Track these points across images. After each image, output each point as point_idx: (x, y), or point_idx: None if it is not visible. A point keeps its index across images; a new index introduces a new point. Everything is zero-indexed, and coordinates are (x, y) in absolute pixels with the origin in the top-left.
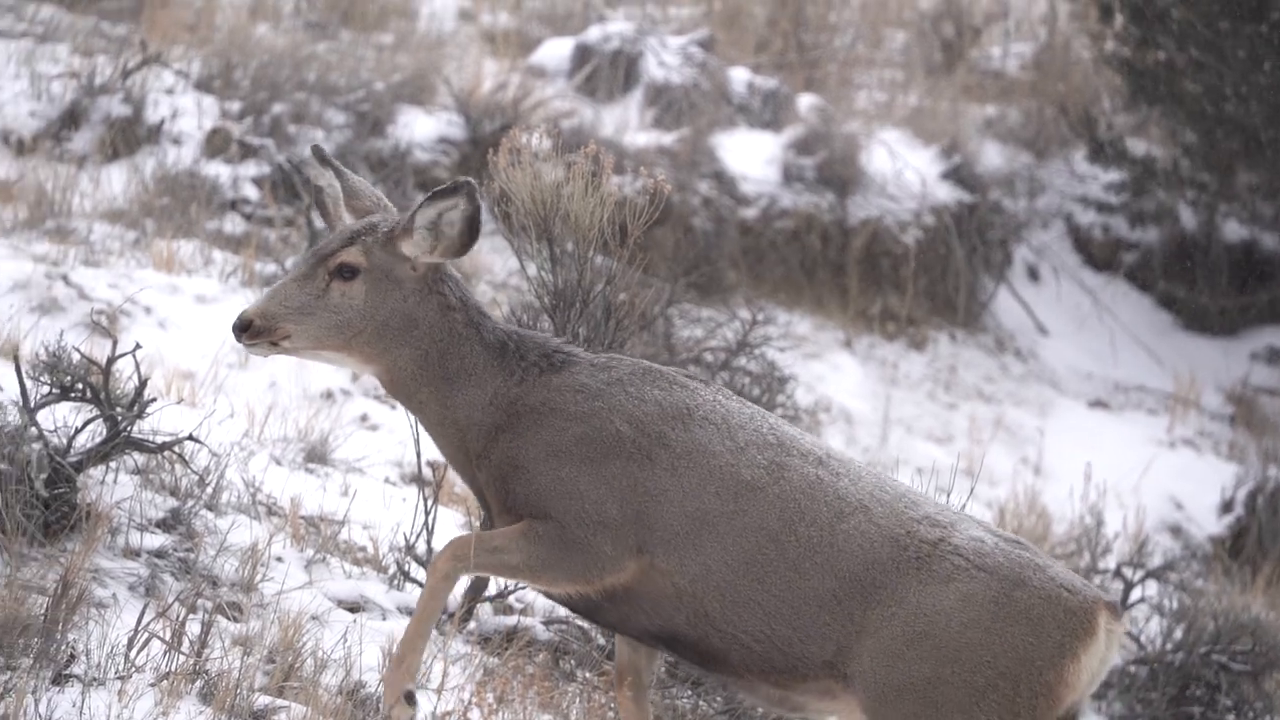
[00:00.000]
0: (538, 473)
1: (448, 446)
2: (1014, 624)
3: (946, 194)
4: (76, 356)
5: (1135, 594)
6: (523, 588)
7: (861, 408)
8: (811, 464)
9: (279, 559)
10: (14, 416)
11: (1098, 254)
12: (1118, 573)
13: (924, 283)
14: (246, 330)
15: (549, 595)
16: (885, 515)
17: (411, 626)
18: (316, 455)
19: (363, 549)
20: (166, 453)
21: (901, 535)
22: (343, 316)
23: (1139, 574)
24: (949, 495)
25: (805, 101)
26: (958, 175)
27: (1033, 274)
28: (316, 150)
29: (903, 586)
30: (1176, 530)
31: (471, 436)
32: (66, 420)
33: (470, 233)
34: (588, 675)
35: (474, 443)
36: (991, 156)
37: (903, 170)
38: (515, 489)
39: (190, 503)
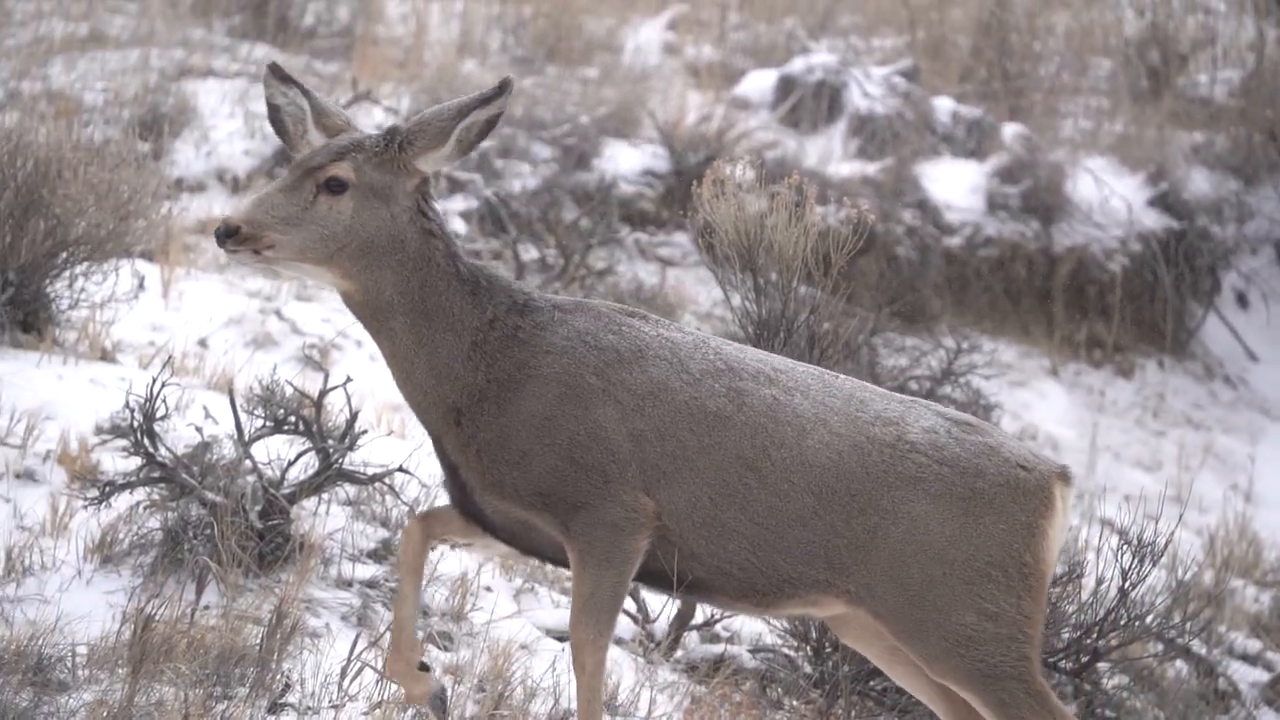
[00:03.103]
0: (535, 455)
1: (415, 389)
2: (983, 515)
3: (1153, 221)
4: (289, 390)
5: None
6: (729, 616)
7: (1068, 435)
8: (765, 384)
9: (488, 588)
10: (229, 450)
11: None
12: None
13: (1131, 310)
14: (232, 236)
15: None
16: (843, 423)
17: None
18: None
19: (570, 578)
20: (377, 484)
21: (863, 442)
22: (328, 230)
23: None
24: (1156, 522)
25: (1010, 130)
26: (1165, 202)
27: (1242, 300)
28: (275, 68)
29: (877, 493)
30: None
31: (451, 389)
32: (280, 453)
33: (487, 132)
34: (795, 703)
35: (455, 396)
36: (1199, 183)
37: (1109, 198)
38: (511, 477)
39: (401, 533)
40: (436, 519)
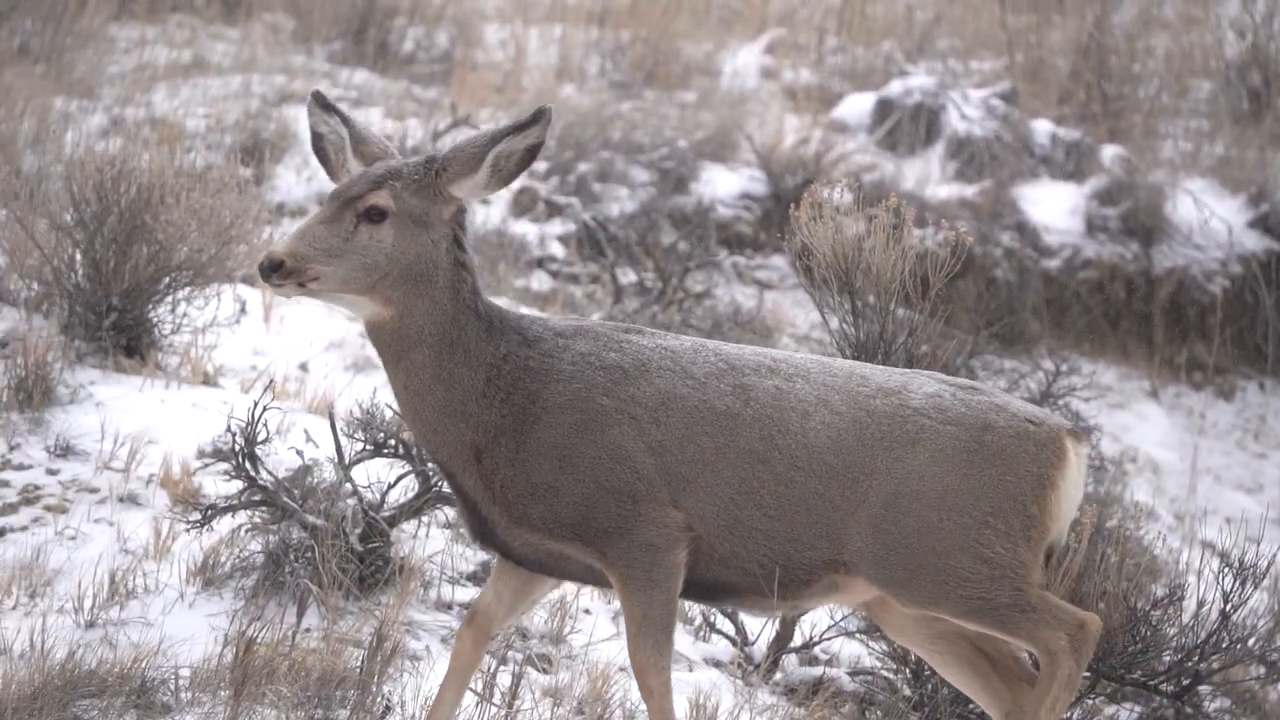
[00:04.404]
0: (561, 487)
1: (424, 426)
2: (990, 466)
3: (1254, 242)
4: (389, 413)
5: None
6: (829, 637)
7: (1168, 458)
8: (767, 376)
9: (587, 611)
10: (330, 473)
11: None
12: None
13: (1231, 331)
14: (277, 270)
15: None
16: (843, 402)
17: None
18: None
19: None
20: None
21: (862, 417)
22: (370, 259)
23: None
24: (1258, 544)
25: (1108, 152)
26: (1265, 223)
27: None
28: (318, 96)
29: (870, 458)
30: None
31: (465, 427)
32: (380, 476)
33: (528, 162)
34: None
35: (470, 434)
36: None
37: (1209, 219)
38: (538, 510)
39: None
40: (483, 615)
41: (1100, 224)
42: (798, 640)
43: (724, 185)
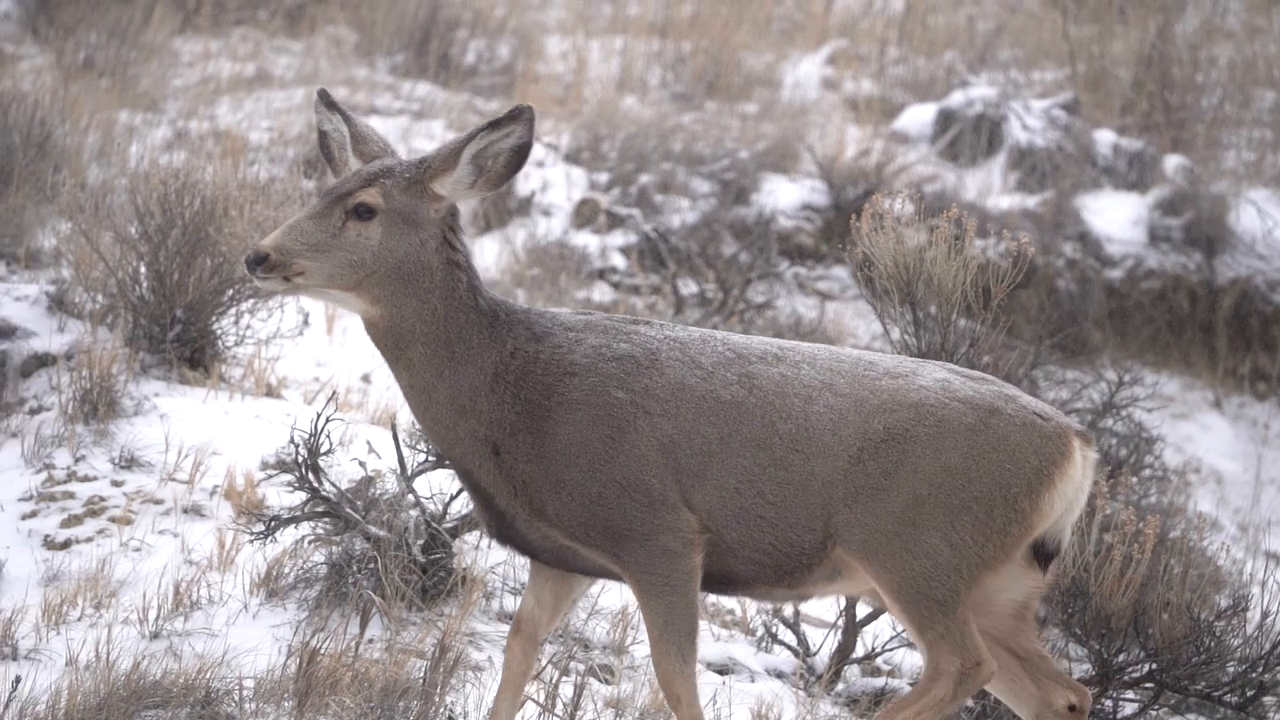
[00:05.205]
0: (580, 484)
1: (434, 422)
2: (991, 450)
3: None
4: None
5: None
6: (891, 648)
7: (1232, 468)
8: (773, 364)
9: None
10: (393, 484)
11: None
12: None
13: None
14: (262, 264)
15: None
16: (848, 385)
17: None
18: None
19: (730, 612)
20: None
21: (867, 396)
22: (357, 256)
23: None
24: None
25: (1171, 162)
26: None
27: None
28: (323, 95)
29: (867, 424)
30: None
31: (478, 423)
32: (442, 487)
33: (516, 164)
34: None
35: (485, 430)
36: None
37: (1272, 229)
38: (554, 506)
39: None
40: (528, 622)
41: (1163, 234)
42: (860, 651)
43: (785, 196)
